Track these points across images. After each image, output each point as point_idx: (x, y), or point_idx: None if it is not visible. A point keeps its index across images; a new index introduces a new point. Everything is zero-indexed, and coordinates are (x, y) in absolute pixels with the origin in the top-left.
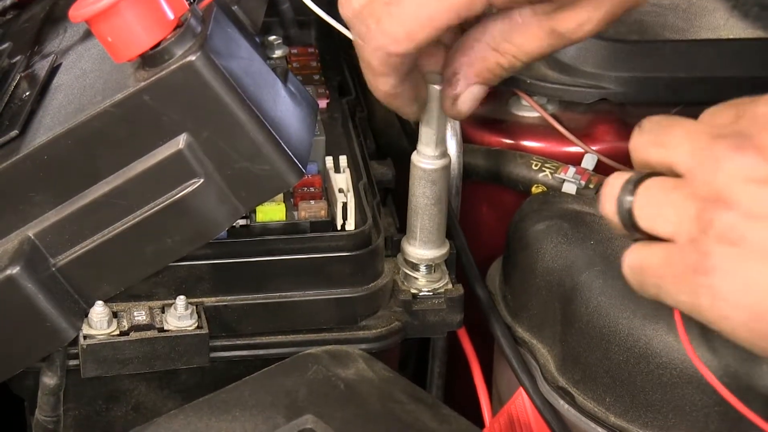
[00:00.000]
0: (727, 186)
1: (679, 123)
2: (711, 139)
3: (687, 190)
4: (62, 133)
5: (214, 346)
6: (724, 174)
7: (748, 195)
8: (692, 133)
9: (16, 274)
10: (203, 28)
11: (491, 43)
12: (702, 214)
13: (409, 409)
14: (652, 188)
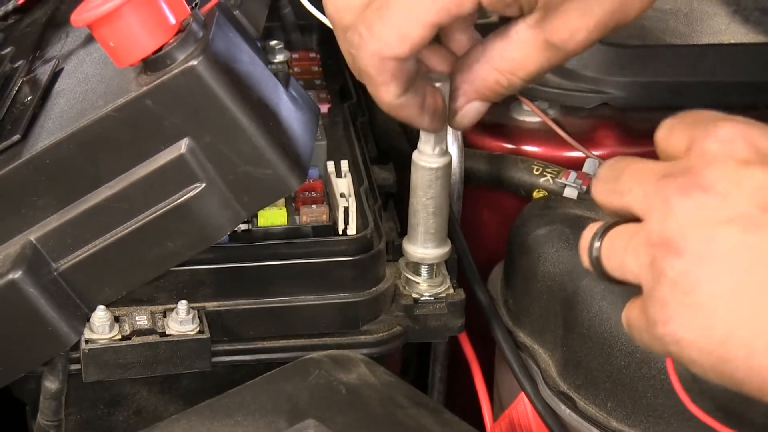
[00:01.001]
0: (675, 231)
1: (629, 166)
2: (659, 181)
3: (642, 236)
4: (64, 138)
5: (216, 351)
6: (673, 218)
7: (696, 239)
8: (641, 176)
9: (18, 278)
10: (205, 32)
11: (490, 62)
12: (655, 263)
13: (410, 413)
14: (615, 237)
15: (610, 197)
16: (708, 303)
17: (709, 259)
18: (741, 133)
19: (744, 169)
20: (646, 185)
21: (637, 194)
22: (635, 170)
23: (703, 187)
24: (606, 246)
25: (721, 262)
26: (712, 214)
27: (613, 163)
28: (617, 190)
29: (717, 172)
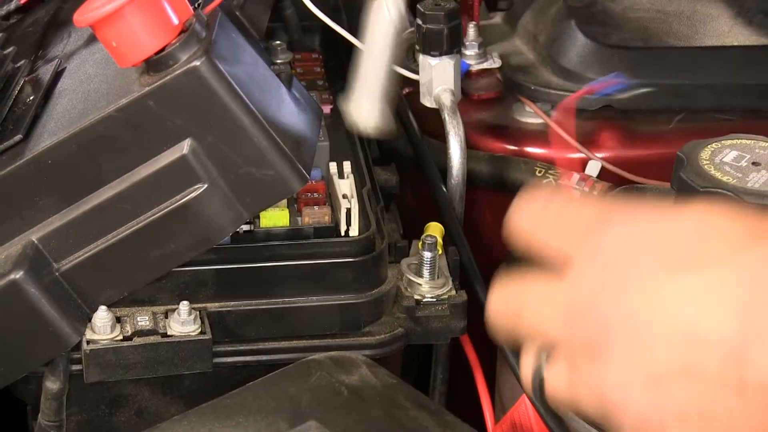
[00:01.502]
0: (608, 383)
1: (524, 302)
2: (566, 323)
3: (579, 380)
4: (66, 138)
5: (217, 352)
6: (601, 369)
7: (634, 390)
8: (545, 317)
9: (19, 278)
10: (208, 33)
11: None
12: (605, 415)
13: (412, 415)
14: (554, 376)
15: (520, 335)
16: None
17: (663, 401)
18: (629, 245)
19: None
20: (555, 328)
21: (552, 335)
22: (534, 309)
23: (617, 329)
24: (549, 386)
25: (677, 401)
26: (639, 355)
27: (501, 297)
28: (525, 330)
29: (624, 306)
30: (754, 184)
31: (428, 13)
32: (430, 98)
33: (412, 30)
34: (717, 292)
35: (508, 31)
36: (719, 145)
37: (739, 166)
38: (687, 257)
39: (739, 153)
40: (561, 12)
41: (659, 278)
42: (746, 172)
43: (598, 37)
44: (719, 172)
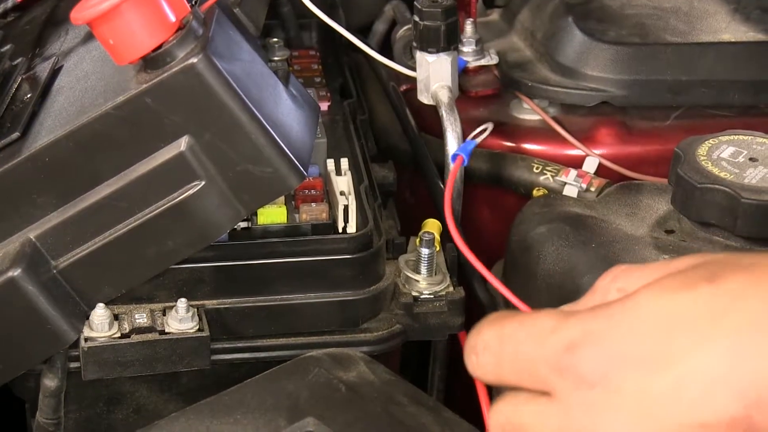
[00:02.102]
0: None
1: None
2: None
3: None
4: (64, 136)
5: (215, 349)
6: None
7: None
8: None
9: (17, 276)
10: (205, 30)
11: None
12: None
13: (410, 411)
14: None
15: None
16: None
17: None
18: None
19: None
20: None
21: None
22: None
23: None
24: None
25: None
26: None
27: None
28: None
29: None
30: (751, 179)
31: (425, 10)
32: (427, 95)
33: (409, 27)
34: (704, 378)
35: (505, 28)
36: (716, 141)
37: (736, 162)
38: (662, 353)
39: (736, 149)
40: (558, 8)
41: (645, 383)
42: (743, 167)
43: (596, 33)
44: (716, 167)
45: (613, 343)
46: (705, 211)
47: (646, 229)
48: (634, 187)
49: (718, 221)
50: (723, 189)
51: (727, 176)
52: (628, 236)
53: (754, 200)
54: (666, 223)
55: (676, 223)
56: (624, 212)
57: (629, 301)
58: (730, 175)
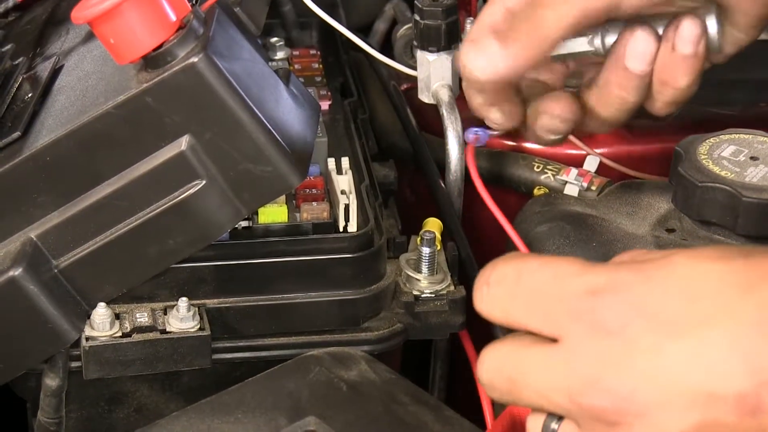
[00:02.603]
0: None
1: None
2: (575, 404)
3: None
4: (64, 135)
5: (216, 348)
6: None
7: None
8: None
9: (18, 275)
10: (205, 29)
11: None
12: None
13: (411, 410)
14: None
15: (517, 404)
16: None
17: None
18: (627, 309)
19: (659, 358)
20: (561, 405)
21: (555, 408)
22: (534, 385)
23: (629, 400)
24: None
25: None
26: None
27: (494, 367)
28: (524, 403)
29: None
30: (752, 178)
31: (426, 9)
32: (428, 94)
33: (409, 26)
34: (722, 347)
35: None
36: (717, 140)
37: (737, 161)
38: (686, 317)
39: (737, 147)
40: None
41: (662, 343)
42: (744, 166)
43: None
44: (717, 166)
45: (639, 296)
46: (706, 209)
47: (647, 228)
48: (635, 186)
49: (719, 220)
50: (724, 188)
51: (728, 175)
52: (629, 235)
53: (755, 199)
54: (667, 222)
55: (677, 222)
56: (625, 211)
57: (664, 260)
58: (731, 174)
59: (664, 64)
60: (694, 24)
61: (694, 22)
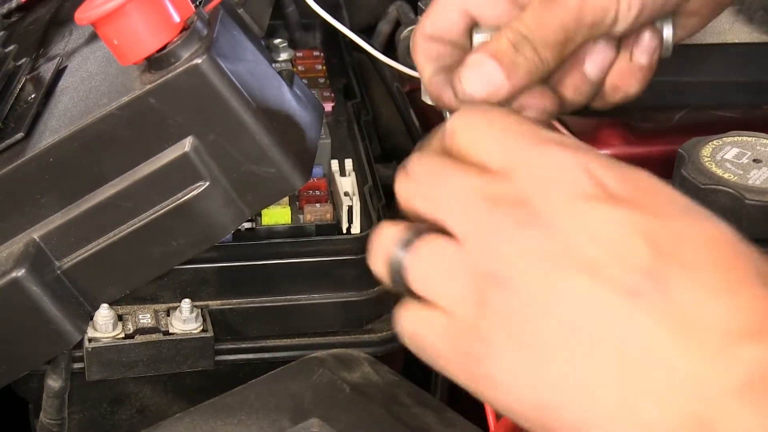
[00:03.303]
0: (510, 267)
1: (449, 179)
2: (488, 205)
3: (464, 259)
4: (68, 136)
5: (219, 350)
6: (506, 253)
7: (535, 280)
8: (465, 196)
9: (21, 276)
10: (209, 31)
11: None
12: (478, 294)
13: (414, 412)
14: (426, 253)
15: (418, 200)
16: (543, 350)
17: (551, 306)
18: (579, 162)
19: (590, 208)
20: (469, 206)
21: (457, 214)
22: (458, 186)
23: (543, 225)
24: (413, 260)
25: (564, 311)
26: (554, 256)
27: (429, 163)
28: (430, 198)
29: (558, 208)
30: (755, 181)
31: None
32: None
33: (413, 27)
34: (641, 232)
35: None
36: (720, 142)
37: (740, 163)
38: (629, 195)
39: (740, 150)
40: None
41: (598, 200)
42: (747, 169)
43: None
44: (720, 169)
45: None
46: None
47: None
48: None
49: None
50: (727, 190)
51: (731, 177)
52: None
53: (758, 201)
54: None
55: None
56: None
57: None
58: (734, 177)
59: (620, 71)
60: (653, 36)
61: (654, 33)
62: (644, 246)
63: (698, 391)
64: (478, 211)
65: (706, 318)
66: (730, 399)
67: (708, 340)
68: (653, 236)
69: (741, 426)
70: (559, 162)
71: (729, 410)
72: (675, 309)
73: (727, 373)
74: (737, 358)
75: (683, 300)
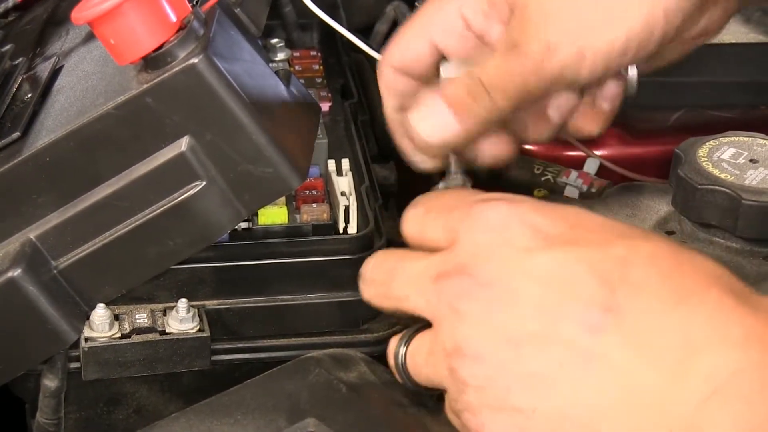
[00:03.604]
0: (469, 338)
1: (397, 268)
2: (435, 283)
3: (437, 345)
4: (64, 135)
5: (216, 349)
6: (463, 325)
7: (494, 344)
8: (415, 280)
9: (17, 276)
10: (206, 30)
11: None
12: (454, 373)
13: (410, 412)
14: (416, 346)
15: (385, 302)
16: (525, 407)
17: (515, 364)
18: (512, 215)
19: (528, 258)
20: (424, 290)
21: (418, 301)
22: (406, 274)
23: (489, 285)
24: (409, 355)
25: (529, 365)
26: (505, 315)
27: (378, 262)
28: (392, 295)
29: (498, 267)
30: (751, 181)
31: None
32: None
33: None
34: (586, 266)
35: None
36: (717, 143)
37: (737, 163)
38: (564, 234)
39: (736, 150)
40: None
41: (536, 247)
42: (744, 169)
43: None
44: (717, 169)
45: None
46: (705, 212)
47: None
48: (634, 188)
49: (718, 222)
50: (723, 190)
51: (727, 177)
52: None
53: (755, 201)
54: (667, 225)
55: (677, 225)
56: (625, 213)
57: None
58: (731, 177)
59: (583, 114)
60: (617, 83)
61: (617, 81)
62: (592, 279)
63: (670, 409)
64: (428, 290)
65: (662, 337)
66: (701, 410)
67: (668, 358)
68: (598, 267)
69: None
70: (494, 221)
71: (703, 421)
72: (634, 334)
73: (691, 386)
74: (699, 371)
75: (639, 324)
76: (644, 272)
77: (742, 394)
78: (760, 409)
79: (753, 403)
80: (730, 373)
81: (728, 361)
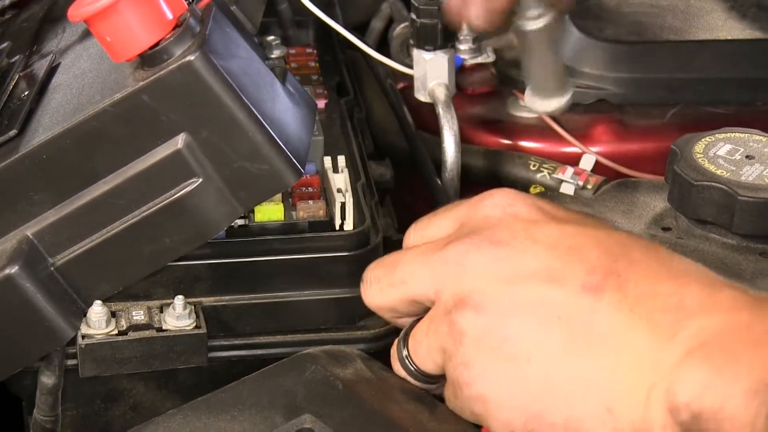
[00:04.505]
0: (472, 288)
1: (402, 255)
2: (443, 250)
3: (438, 311)
4: (61, 133)
5: (213, 346)
6: (468, 277)
7: (496, 294)
8: (421, 256)
9: (14, 273)
10: (202, 28)
11: None
12: (453, 326)
13: (407, 408)
14: (415, 332)
15: (388, 293)
16: (520, 355)
17: (515, 313)
18: (518, 197)
19: (534, 227)
20: (430, 261)
21: (423, 275)
22: (411, 255)
23: (497, 242)
24: (410, 345)
25: (528, 315)
26: (510, 268)
27: (379, 260)
28: (395, 280)
29: (507, 231)
30: (747, 177)
31: (422, 8)
32: (424, 93)
33: (406, 24)
34: (591, 240)
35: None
36: (713, 139)
37: (733, 160)
38: (569, 216)
39: (732, 146)
40: None
41: (542, 220)
42: (740, 165)
43: (593, 31)
44: (713, 165)
45: (520, 200)
46: (701, 208)
47: (642, 227)
48: (630, 184)
49: (714, 219)
50: (719, 187)
51: (723, 174)
52: None
53: (751, 198)
54: (663, 221)
55: (673, 221)
56: (621, 210)
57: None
58: (727, 173)
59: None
60: None
61: None
62: (596, 249)
63: (656, 363)
64: (434, 260)
65: (658, 301)
66: (684, 362)
67: (662, 320)
68: (602, 242)
69: (697, 382)
70: (501, 200)
71: (684, 372)
72: (631, 297)
73: (679, 342)
74: (687, 329)
75: (637, 289)
76: (643, 254)
77: (728, 349)
78: (746, 362)
79: (738, 356)
80: (717, 330)
81: (717, 322)
